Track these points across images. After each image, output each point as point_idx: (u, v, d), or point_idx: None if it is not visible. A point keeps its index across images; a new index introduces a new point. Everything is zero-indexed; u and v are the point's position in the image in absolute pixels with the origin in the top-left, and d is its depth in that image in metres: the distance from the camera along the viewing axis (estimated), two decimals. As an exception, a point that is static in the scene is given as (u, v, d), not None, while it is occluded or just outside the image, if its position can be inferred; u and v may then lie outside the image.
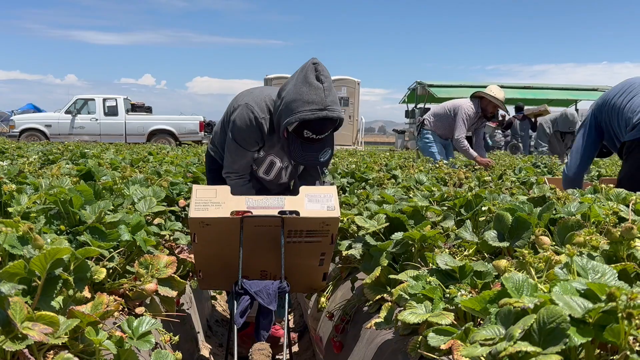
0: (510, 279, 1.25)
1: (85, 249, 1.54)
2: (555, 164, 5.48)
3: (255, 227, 2.18)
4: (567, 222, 1.85)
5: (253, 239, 2.23)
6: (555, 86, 22.80)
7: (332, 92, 2.66)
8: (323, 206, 2.16)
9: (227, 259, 2.28)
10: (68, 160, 4.72)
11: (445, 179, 3.78)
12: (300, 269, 2.38)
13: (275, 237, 2.22)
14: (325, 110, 2.60)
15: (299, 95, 2.60)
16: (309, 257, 2.35)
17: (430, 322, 1.47)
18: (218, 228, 2.15)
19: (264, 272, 2.41)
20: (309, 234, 2.23)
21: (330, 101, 2.62)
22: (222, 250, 2.26)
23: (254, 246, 2.25)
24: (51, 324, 1.20)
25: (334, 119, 2.64)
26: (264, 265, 2.38)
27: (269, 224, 2.19)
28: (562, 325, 1.03)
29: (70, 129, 18.84)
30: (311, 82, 2.61)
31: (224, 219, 2.12)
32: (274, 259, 2.30)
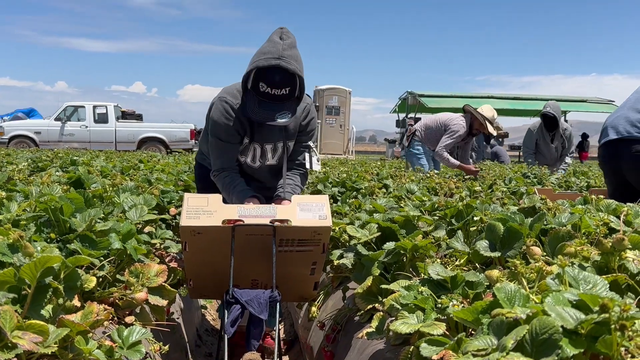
0: (502, 290, 1.25)
1: (76, 258, 1.53)
2: (545, 174, 5.51)
3: (247, 235, 2.17)
4: (558, 232, 1.86)
5: (244, 247, 2.21)
6: (544, 97, 22.96)
7: (294, 51, 2.62)
8: (315, 215, 2.16)
9: (218, 268, 2.26)
10: (58, 168, 4.69)
11: (436, 188, 3.79)
12: (291, 278, 2.37)
13: (267, 246, 2.20)
14: (279, 60, 2.55)
15: (258, 51, 2.63)
16: (300, 266, 2.34)
17: (422, 332, 1.47)
18: (209, 237, 2.14)
19: (255, 281, 2.39)
20: (301, 243, 2.23)
21: (287, 55, 2.58)
22: (213, 259, 2.25)
23: (245, 255, 2.24)
24: (41, 333, 1.19)
25: (288, 70, 2.56)
26: (255, 274, 2.36)
27: (260, 233, 2.18)
28: (555, 336, 1.03)
29: (60, 136, 18.75)
30: (272, 39, 2.62)
31: (215, 228, 2.11)
32: (265, 268, 2.28)
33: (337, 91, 23.20)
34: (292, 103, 2.68)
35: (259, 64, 2.56)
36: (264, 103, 2.63)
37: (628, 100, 3.98)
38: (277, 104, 2.63)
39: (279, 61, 2.55)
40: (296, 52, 2.65)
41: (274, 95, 2.61)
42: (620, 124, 3.79)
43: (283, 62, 2.55)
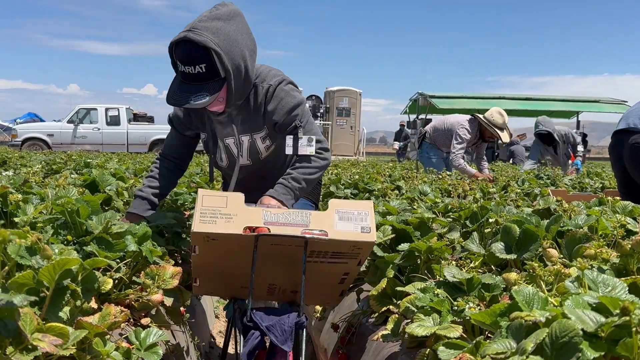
0: (520, 292, 1.25)
1: (93, 260, 1.54)
2: (558, 175, 5.48)
3: (271, 245, 1.84)
4: (575, 234, 1.85)
5: (266, 256, 1.90)
6: (556, 97, 22.82)
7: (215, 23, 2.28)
8: (356, 227, 1.79)
9: (231, 272, 2.02)
10: (72, 170, 4.72)
11: (449, 190, 3.78)
12: (316, 285, 2.08)
13: (293, 256, 1.90)
14: (187, 32, 2.23)
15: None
16: (329, 277, 2.05)
17: (439, 335, 1.47)
18: (226, 244, 1.82)
19: (272, 286, 2.11)
20: (335, 255, 1.90)
21: (202, 26, 2.25)
22: (227, 264, 1.98)
23: (265, 263, 1.93)
24: (61, 335, 1.19)
25: (197, 43, 2.22)
26: (273, 279, 2.07)
27: (288, 243, 1.84)
28: (575, 340, 1.03)
29: (73, 138, 18.90)
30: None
31: (234, 236, 1.76)
32: (286, 274, 2.02)
33: (347, 93, 23.21)
34: (215, 83, 2.32)
35: (173, 39, 2.27)
36: (183, 85, 2.34)
37: None
38: (195, 84, 2.31)
39: (187, 33, 2.23)
40: (220, 24, 2.29)
41: (190, 75, 2.29)
42: (632, 116, 3.88)
43: (191, 33, 2.22)
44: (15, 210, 2.16)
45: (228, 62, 2.28)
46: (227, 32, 2.28)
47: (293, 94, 2.56)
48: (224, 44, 2.26)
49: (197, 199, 1.79)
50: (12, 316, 1.13)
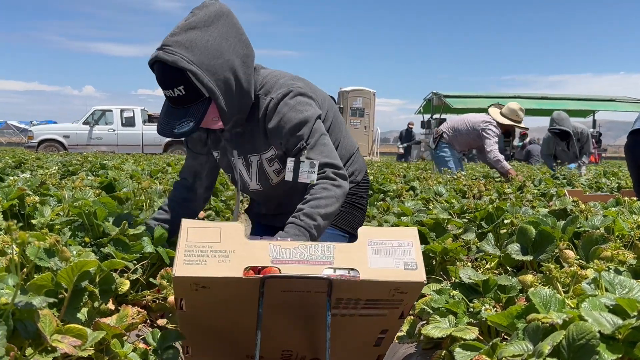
0: (537, 294, 1.25)
1: (111, 262, 1.56)
2: (575, 175, 5.44)
3: (283, 292, 1.38)
4: (592, 235, 1.84)
5: (277, 307, 1.43)
6: (572, 96, 22.70)
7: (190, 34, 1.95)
8: (397, 262, 1.34)
9: (232, 335, 1.56)
10: (88, 172, 4.76)
11: (465, 190, 3.77)
12: (344, 349, 1.62)
13: (312, 306, 1.42)
14: (160, 51, 1.93)
15: None
16: (362, 335, 1.58)
17: (455, 337, 1.47)
18: (221, 293, 1.35)
19: (287, 353, 1.64)
20: (370, 304, 1.43)
21: (174, 41, 1.93)
22: (224, 323, 1.51)
23: (276, 317, 1.47)
24: (80, 337, 1.21)
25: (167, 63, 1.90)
26: (288, 343, 1.61)
27: (305, 289, 1.37)
28: (592, 342, 1.02)
29: (88, 139, 19.05)
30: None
31: (232, 281, 1.30)
32: (304, 334, 1.56)
33: (361, 93, 23.19)
34: (198, 105, 2.00)
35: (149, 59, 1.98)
36: (169, 110, 2.04)
37: None
38: (180, 108, 2.01)
39: (158, 52, 1.93)
40: (195, 34, 1.95)
41: (172, 98, 2.00)
42: None
43: (162, 53, 1.92)
44: (32, 212, 2.18)
45: (209, 80, 1.96)
46: (204, 44, 1.95)
47: (299, 109, 2.14)
48: (200, 59, 1.93)
49: (180, 232, 1.32)
50: (31, 317, 1.14)
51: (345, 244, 1.38)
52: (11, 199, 2.10)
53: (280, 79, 2.20)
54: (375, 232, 1.38)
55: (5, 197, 2.10)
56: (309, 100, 2.18)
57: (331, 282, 1.34)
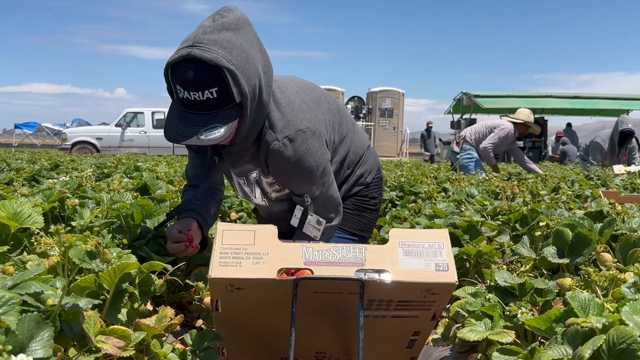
0: (576, 298, 1.24)
1: (150, 264, 1.59)
2: (609, 176, 5.36)
3: (316, 294, 1.40)
4: (630, 238, 1.82)
5: (310, 309, 1.45)
6: (605, 95, 22.32)
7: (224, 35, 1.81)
8: (429, 263, 1.36)
9: (266, 336, 1.58)
10: (122, 174, 4.84)
11: (497, 192, 3.74)
12: (377, 350, 1.63)
13: (345, 308, 1.45)
14: (191, 47, 1.77)
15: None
16: (394, 337, 1.60)
17: (491, 340, 1.46)
18: (256, 294, 1.39)
19: (320, 354, 1.66)
20: (402, 305, 1.45)
21: (208, 39, 1.78)
22: (260, 322, 1.53)
23: (309, 320, 1.49)
24: (123, 338, 1.24)
25: (205, 61, 1.76)
26: (321, 345, 1.62)
27: (337, 290, 1.40)
28: (633, 346, 1.02)
29: (120, 141, 19.32)
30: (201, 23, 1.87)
31: (266, 282, 1.34)
32: (337, 338, 1.58)
33: (390, 93, 23.13)
34: (228, 110, 1.85)
35: (169, 59, 1.81)
36: (186, 115, 1.86)
37: None
38: (203, 114, 1.84)
39: (191, 49, 1.76)
40: (230, 35, 1.83)
41: (196, 102, 1.82)
42: None
43: (197, 50, 1.76)
44: (72, 215, 2.23)
45: (245, 83, 1.83)
46: (239, 46, 1.83)
47: (306, 158, 2.03)
48: (238, 61, 1.81)
49: (216, 235, 1.37)
50: (77, 319, 1.17)
51: (377, 246, 1.40)
52: (52, 202, 2.15)
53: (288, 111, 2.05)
54: (406, 233, 1.40)
55: (47, 200, 2.15)
56: (316, 143, 2.07)
57: (363, 283, 1.35)
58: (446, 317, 1.86)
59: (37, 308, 1.12)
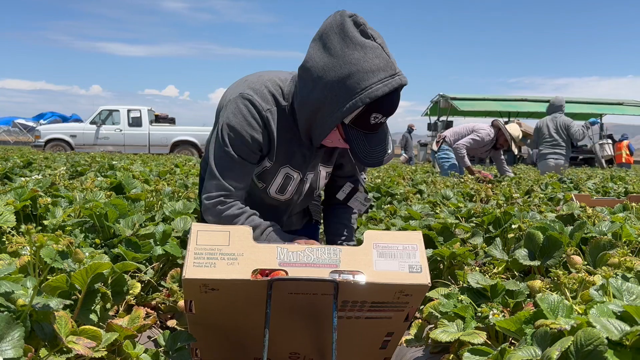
0: (545, 300, 1.26)
1: (123, 264, 1.58)
2: (582, 179, 5.44)
3: (290, 295, 1.41)
4: (599, 241, 1.85)
5: (284, 310, 1.46)
6: (580, 99, 22.63)
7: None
8: (403, 265, 1.38)
9: (240, 338, 1.58)
10: (96, 172, 4.79)
11: (472, 194, 3.78)
12: (351, 351, 1.64)
13: (319, 309, 1.45)
14: (397, 76, 1.78)
15: (353, 65, 1.76)
16: (368, 338, 1.61)
17: (463, 341, 1.48)
18: (230, 295, 1.38)
19: (294, 355, 1.66)
20: (376, 306, 1.46)
21: (395, 62, 1.81)
22: (233, 324, 1.52)
23: (284, 319, 1.50)
24: (94, 338, 1.23)
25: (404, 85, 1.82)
26: (295, 345, 1.62)
27: (311, 291, 1.40)
28: (600, 348, 1.04)
29: (95, 139, 19.08)
30: (362, 43, 1.78)
31: (241, 283, 1.33)
32: (311, 338, 1.59)
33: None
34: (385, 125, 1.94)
35: (377, 91, 1.76)
36: (372, 138, 1.88)
37: None
38: (381, 133, 1.91)
39: (399, 79, 1.79)
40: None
41: (381, 124, 1.88)
42: None
43: (402, 78, 1.80)
44: (44, 214, 2.21)
45: None
46: None
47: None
48: None
49: (190, 235, 1.36)
50: (48, 319, 1.16)
51: (352, 247, 1.41)
52: (24, 200, 2.12)
53: None
54: (380, 235, 1.42)
55: (19, 198, 2.13)
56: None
57: (337, 284, 1.36)
58: (419, 318, 1.87)
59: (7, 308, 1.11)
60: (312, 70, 1.83)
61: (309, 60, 1.85)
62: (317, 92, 1.82)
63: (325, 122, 1.86)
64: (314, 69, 1.82)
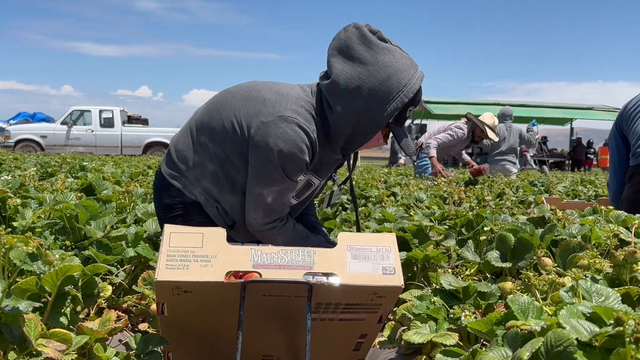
0: (516, 301, 1.27)
1: (94, 266, 1.56)
2: (552, 183, 5.52)
3: (264, 297, 1.40)
4: (569, 244, 1.88)
5: (258, 312, 1.44)
6: (550, 104, 22.97)
7: None
8: (376, 267, 1.38)
9: (214, 340, 1.56)
10: (67, 173, 4.73)
11: (445, 196, 3.81)
12: (324, 353, 1.63)
13: (293, 311, 1.45)
14: (419, 70, 2.02)
15: (388, 67, 1.92)
16: (341, 340, 1.61)
17: (435, 343, 1.49)
18: (203, 297, 1.37)
19: (267, 357, 1.65)
20: (349, 308, 1.46)
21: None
22: (206, 328, 1.51)
23: (258, 322, 1.48)
24: (64, 341, 1.21)
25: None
26: (268, 348, 1.61)
27: (285, 293, 1.40)
28: (570, 349, 1.05)
29: (66, 140, 18.82)
30: (386, 47, 1.95)
31: (214, 285, 1.32)
32: (284, 340, 1.58)
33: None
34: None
35: (415, 86, 1.97)
36: (405, 130, 2.10)
37: None
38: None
39: (421, 72, 2.03)
40: None
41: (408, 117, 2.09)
42: None
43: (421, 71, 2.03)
44: (14, 215, 2.17)
45: None
46: None
47: None
48: None
49: (163, 237, 1.33)
50: (17, 322, 1.14)
51: (326, 249, 1.41)
52: (-8, 201, 2.09)
53: None
54: (354, 237, 1.41)
55: (-13, 199, 2.09)
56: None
57: (311, 286, 1.36)
58: (393, 319, 1.88)
59: (-26, 311, 1.09)
60: (347, 82, 1.91)
61: (340, 74, 1.92)
62: (360, 101, 1.91)
63: (370, 126, 1.96)
64: (350, 81, 1.91)
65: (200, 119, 2.11)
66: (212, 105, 2.10)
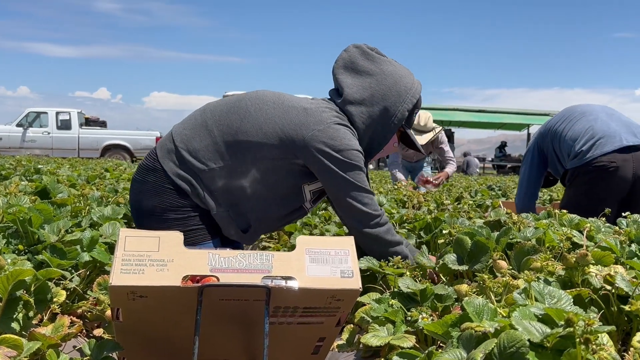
0: (471, 303, 1.29)
1: (47, 271, 1.53)
2: (509, 187, 5.62)
3: (221, 301, 1.39)
4: (524, 246, 1.91)
5: (215, 316, 1.44)
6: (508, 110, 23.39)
7: None
8: (334, 270, 1.38)
9: (170, 347, 1.53)
10: (22, 176, 4.62)
11: (405, 200, 3.84)
12: (283, 357, 1.64)
13: (251, 315, 1.45)
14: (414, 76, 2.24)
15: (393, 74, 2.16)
16: (300, 343, 1.62)
17: (393, 345, 1.50)
18: (159, 302, 1.34)
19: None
20: (308, 312, 1.46)
21: None
22: (162, 334, 1.49)
23: (215, 326, 1.48)
24: (15, 347, 1.18)
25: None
26: (226, 352, 1.60)
27: (243, 297, 1.39)
28: (522, 350, 1.07)
29: (22, 142, 18.39)
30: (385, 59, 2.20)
31: (170, 290, 1.30)
32: (242, 344, 1.57)
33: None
34: None
35: (419, 89, 2.21)
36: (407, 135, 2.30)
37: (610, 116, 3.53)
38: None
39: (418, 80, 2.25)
40: None
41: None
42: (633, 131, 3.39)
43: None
44: (-36, 218, 2.11)
45: None
46: None
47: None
48: None
49: (118, 241, 1.31)
50: (-36, 328, 1.11)
51: (283, 253, 1.40)
52: (-59, 205, 2.03)
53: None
54: (313, 240, 1.41)
55: None
56: None
57: (269, 290, 1.35)
58: (352, 323, 1.89)
59: None
60: (360, 93, 2.12)
61: (352, 87, 2.13)
62: (374, 107, 2.11)
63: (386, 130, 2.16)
64: (362, 91, 2.12)
65: (226, 121, 2.09)
66: (241, 110, 2.10)
